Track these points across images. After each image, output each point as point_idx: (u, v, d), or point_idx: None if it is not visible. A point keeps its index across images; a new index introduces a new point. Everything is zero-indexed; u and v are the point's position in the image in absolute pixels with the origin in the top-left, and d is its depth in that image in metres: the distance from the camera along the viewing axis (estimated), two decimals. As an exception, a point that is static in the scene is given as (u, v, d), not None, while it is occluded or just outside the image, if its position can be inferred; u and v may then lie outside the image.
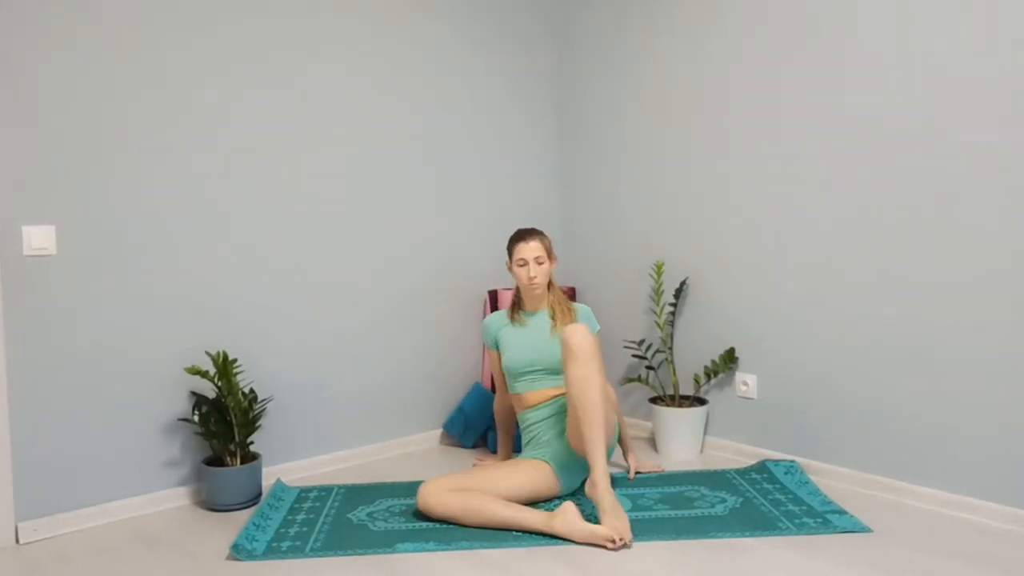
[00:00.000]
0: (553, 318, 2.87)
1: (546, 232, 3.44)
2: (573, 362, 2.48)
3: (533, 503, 2.59)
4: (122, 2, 2.61)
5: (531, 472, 2.61)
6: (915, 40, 2.63)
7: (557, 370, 2.82)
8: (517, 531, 2.40)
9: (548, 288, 2.94)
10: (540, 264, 2.82)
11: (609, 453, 2.66)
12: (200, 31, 2.78)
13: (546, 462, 2.65)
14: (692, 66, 3.32)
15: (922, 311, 2.65)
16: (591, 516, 2.44)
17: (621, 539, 2.28)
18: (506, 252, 3.00)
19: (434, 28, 3.44)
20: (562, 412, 2.75)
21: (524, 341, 2.86)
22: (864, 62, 2.76)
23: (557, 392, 2.82)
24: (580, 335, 2.51)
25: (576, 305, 2.93)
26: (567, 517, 2.35)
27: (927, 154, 2.61)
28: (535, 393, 2.82)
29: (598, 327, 2.95)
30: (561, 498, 2.69)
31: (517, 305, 2.96)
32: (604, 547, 2.29)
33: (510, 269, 2.89)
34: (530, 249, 2.82)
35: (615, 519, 2.31)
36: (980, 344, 2.52)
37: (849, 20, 2.79)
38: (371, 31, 3.24)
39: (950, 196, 2.56)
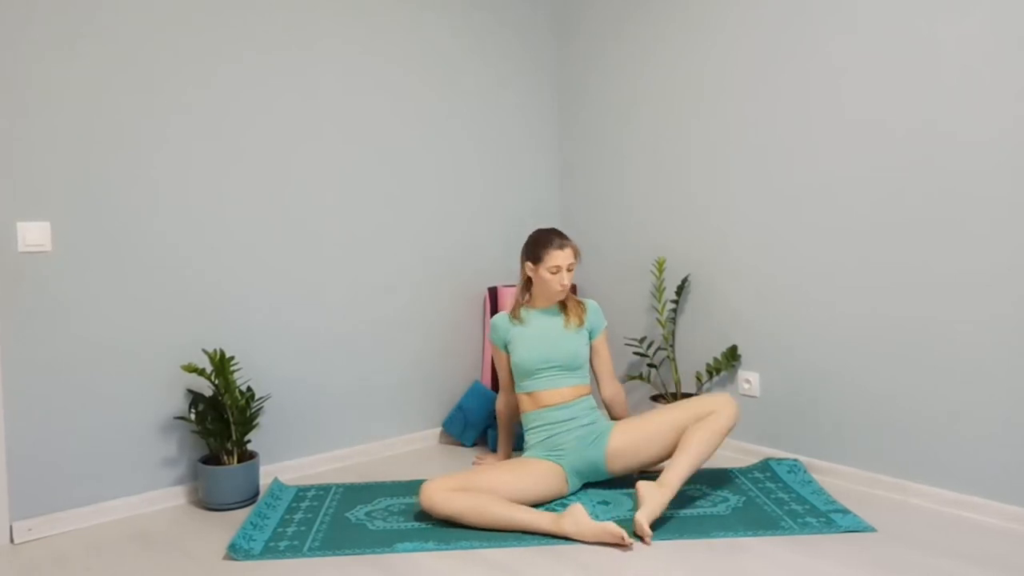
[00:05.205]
0: (565, 313, 2.84)
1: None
2: (722, 418, 2.54)
3: (538, 504, 2.56)
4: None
5: (542, 475, 2.57)
6: (917, 41, 2.60)
7: (573, 366, 2.77)
8: (525, 532, 2.36)
9: None
10: (569, 271, 2.79)
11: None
12: (198, 29, 2.75)
13: (562, 467, 2.63)
14: (693, 63, 3.29)
15: (926, 309, 2.62)
16: (596, 516, 2.42)
17: (646, 534, 2.27)
18: (526, 252, 2.85)
19: (432, 23, 3.41)
20: (584, 417, 2.71)
21: (537, 338, 2.80)
22: (866, 62, 2.73)
23: (577, 393, 2.76)
24: (734, 409, 2.58)
25: (586, 301, 2.90)
26: (576, 517, 2.32)
27: (929, 154, 2.58)
28: (554, 391, 2.75)
29: (606, 323, 2.93)
30: (564, 498, 2.66)
31: (526, 302, 2.90)
32: (618, 545, 2.26)
33: (533, 270, 2.81)
34: (566, 256, 2.76)
35: (651, 521, 2.31)
36: (985, 343, 2.49)
37: (850, 19, 2.77)
38: (369, 28, 3.21)
39: (953, 195, 2.54)
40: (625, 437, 2.65)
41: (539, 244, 2.80)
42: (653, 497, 2.36)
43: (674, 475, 2.42)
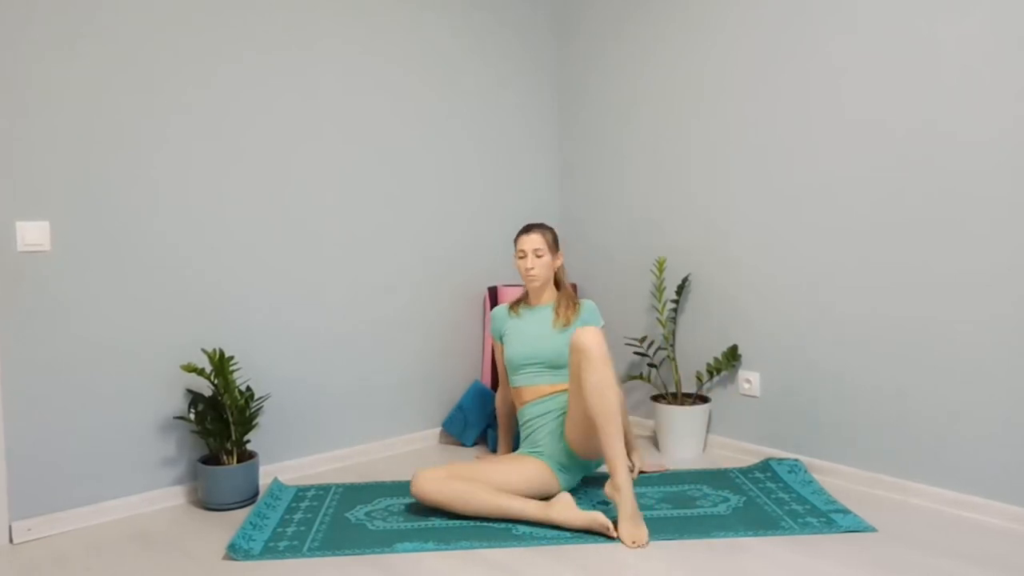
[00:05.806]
0: (556, 312, 2.85)
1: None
2: (588, 366, 2.40)
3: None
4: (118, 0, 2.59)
5: (532, 469, 2.59)
6: (917, 41, 2.60)
7: (557, 365, 2.78)
8: (513, 520, 2.40)
9: (556, 285, 2.92)
10: (539, 257, 2.81)
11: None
12: (198, 28, 2.75)
13: (545, 462, 2.63)
14: (693, 63, 3.29)
15: (926, 309, 2.62)
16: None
17: (635, 543, 2.27)
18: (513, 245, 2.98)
19: (432, 23, 3.41)
20: (558, 409, 2.72)
21: (525, 334, 2.83)
22: (866, 62, 2.73)
23: (554, 388, 2.78)
24: (592, 336, 2.43)
25: (582, 300, 2.91)
26: (564, 505, 2.37)
27: (929, 154, 2.58)
28: (533, 388, 2.79)
29: (603, 323, 2.93)
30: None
31: (522, 298, 2.96)
32: (603, 534, 2.30)
33: (514, 258, 2.92)
34: (530, 241, 2.83)
35: (633, 525, 2.30)
36: (985, 343, 2.49)
37: (850, 19, 2.77)
38: (369, 28, 3.21)
39: (953, 195, 2.54)
40: (568, 424, 2.61)
41: (517, 233, 2.91)
42: (620, 502, 2.34)
43: (617, 464, 2.34)
